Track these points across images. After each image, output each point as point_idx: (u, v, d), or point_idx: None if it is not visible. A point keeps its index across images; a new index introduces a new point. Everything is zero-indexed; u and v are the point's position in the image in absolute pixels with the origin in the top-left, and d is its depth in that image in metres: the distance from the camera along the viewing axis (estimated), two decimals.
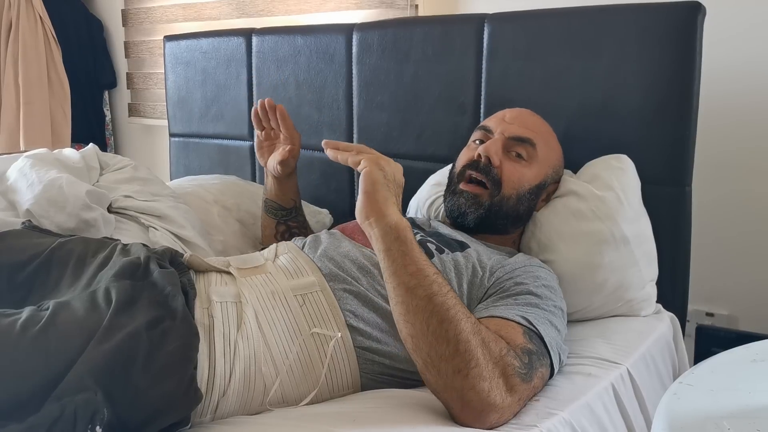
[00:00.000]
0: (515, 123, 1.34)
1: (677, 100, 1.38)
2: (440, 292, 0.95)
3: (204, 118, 2.19)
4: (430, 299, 0.94)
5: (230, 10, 2.61)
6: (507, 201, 1.30)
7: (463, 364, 0.91)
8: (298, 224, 1.59)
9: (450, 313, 0.93)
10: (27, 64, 2.83)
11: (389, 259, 0.99)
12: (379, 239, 1.00)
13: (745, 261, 1.71)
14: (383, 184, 1.03)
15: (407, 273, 0.97)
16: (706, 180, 1.58)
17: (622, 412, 1.13)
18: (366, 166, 1.04)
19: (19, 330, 0.88)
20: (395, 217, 1.01)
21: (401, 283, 0.97)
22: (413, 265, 0.97)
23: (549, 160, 1.35)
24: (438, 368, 0.93)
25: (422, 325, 0.94)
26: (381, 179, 1.03)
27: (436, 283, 0.96)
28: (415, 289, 0.95)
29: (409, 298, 0.96)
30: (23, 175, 1.41)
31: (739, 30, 1.65)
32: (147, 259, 1.07)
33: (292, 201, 1.57)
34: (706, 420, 0.79)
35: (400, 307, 0.97)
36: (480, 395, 0.91)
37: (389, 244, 0.99)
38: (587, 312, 1.34)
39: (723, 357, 0.96)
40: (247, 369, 1.00)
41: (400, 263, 0.98)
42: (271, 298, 1.08)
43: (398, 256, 0.98)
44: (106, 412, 0.85)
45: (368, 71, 1.80)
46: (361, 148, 1.10)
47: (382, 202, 1.02)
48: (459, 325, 0.93)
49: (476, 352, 0.92)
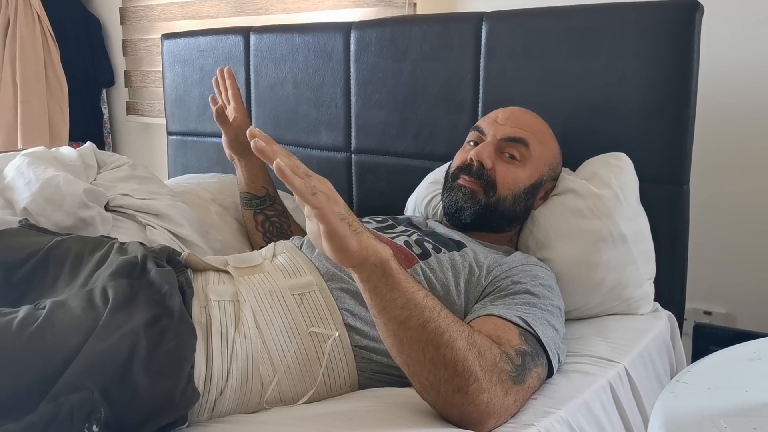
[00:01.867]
0: (507, 123, 1.33)
1: (675, 98, 1.38)
2: (432, 317, 0.90)
3: (202, 117, 2.18)
4: (423, 328, 0.90)
5: (228, 9, 2.60)
6: (503, 202, 1.30)
7: (462, 383, 0.90)
8: (276, 212, 1.59)
9: (445, 337, 0.90)
10: (25, 63, 2.83)
11: (377, 297, 0.91)
12: (365, 282, 0.91)
13: (742, 259, 1.71)
14: (349, 232, 0.86)
15: (397, 306, 0.90)
16: (704, 178, 1.58)
17: (620, 411, 1.13)
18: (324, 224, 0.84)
19: (15, 329, 0.88)
20: (377, 255, 0.89)
21: (392, 318, 0.91)
22: (402, 297, 0.90)
23: (544, 159, 1.34)
24: (437, 390, 0.92)
25: (418, 355, 0.91)
26: (346, 230, 0.85)
27: (427, 309, 0.91)
28: (407, 320, 0.90)
29: (402, 332, 0.91)
30: (20, 174, 1.41)
31: (737, 29, 1.65)
32: (144, 258, 1.07)
33: (263, 189, 1.58)
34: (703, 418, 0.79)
35: (393, 340, 0.92)
36: (479, 407, 0.91)
37: (375, 282, 0.90)
38: (585, 310, 1.34)
39: (720, 355, 0.96)
40: (244, 368, 1.00)
41: (388, 298, 0.90)
42: (268, 298, 1.08)
43: (386, 292, 0.90)
44: (103, 411, 0.85)
45: (366, 69, 1.79)
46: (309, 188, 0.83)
47: (358, 250, 0.87)
48: (455, 346, 0.90)
49: (474, 367, 0.90)
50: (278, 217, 1.59)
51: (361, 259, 0.88)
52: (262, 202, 1.58)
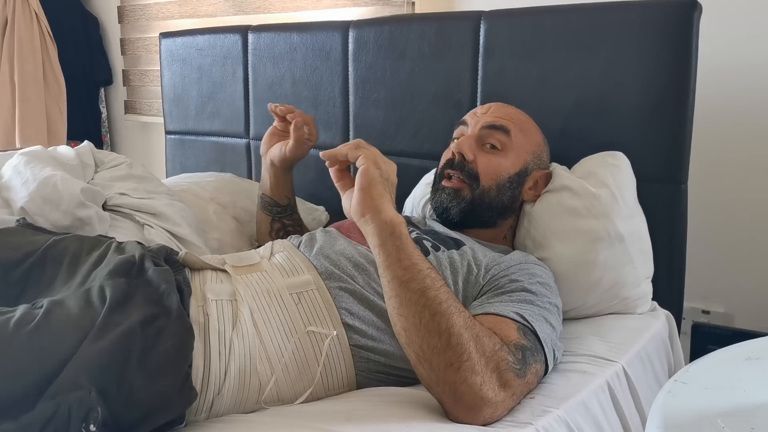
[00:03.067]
0: (488, 113, 1.36)
1: (673, 97, 1.38)
2: (433, 286, 0.96)
3: (200, 116, 2.18)
4: (423, 293, 0.95)
5: (226, 7, 2.60)
6: (488, 193, 1.31)
7: (454, 357, 0.92)
8: (293, 222, 1.59)
9: (442, 307, 0.94)
10: (23, 61, 2.83)
11: (384, 254, 1.00)
12: (375, 235, 1.01)
13: (740, 259, 1.71)
14: (379, 181, 1.04)
15: (401, 267, 0.97)
16: (702, 178, 1.58)
17: (618, 410, 1.13)
18: (363, 163, 1.05)
19: (12, 328, 0.88)
20: (390, 213, 1.02)
21: (395, 277, 0.97)
22: (407, 260, 0.98)
23: (527, 147, 1.35)
24: (430, 362, 0.93)
25: (415, 318, 0.94)
26: (377, 177, 1.03)
27: (429, 278, 0.97)
28: (409, 282, 0.96)
29: (402, 292, 0.96)
30: (18, 173, 1.41)
31: (735, 28, 1.65)
32: (142, 257, 1.06)
33: (286, 198, 1.57)
34: (700, 418, 0.79)
35: (394, 301, 0.98)
36: (472, 389, 0.91)
37: (384, 239, 1.00)
38: (582, 310, 1.34)
39: (718, 355, 0.96)
40: (242, 367, 1.00)
41: (394, 257, 0.98)
42: (266, 297, 1.08)
43: (393, 251, 0.99)
44: (100, 410, 0.85)
45: (364, 69, 1.79)
46: (359, 143, 1.10)
47: (377, 199, 1.02)
48: (451, 319, 0.93)
49: (468, 345, 0.92)
50: (294, 227, 1.58)
51: (376, 209, 1.02)
52: (282, 211, 1.57)
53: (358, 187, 1.04)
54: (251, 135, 2.07)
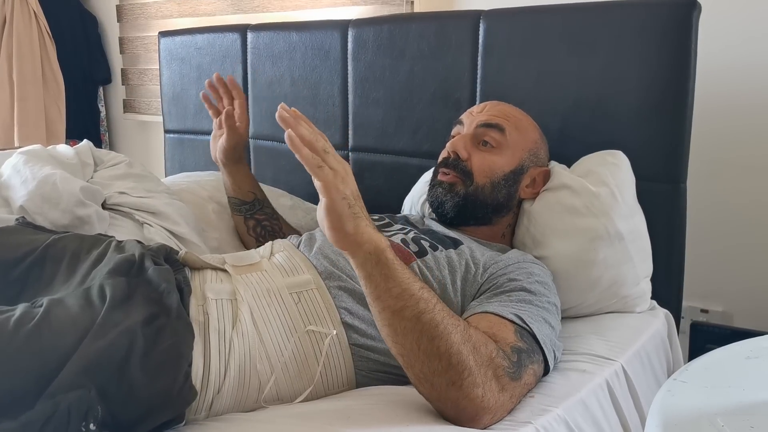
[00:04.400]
0: (483, 112, 1.37)
1: (672, 97, 1.38)
2: (427, 309, 0.91)
3: (199, 115, 2.18)
4: (418, 319, 0.91)
5: (225, 6, 2.60)
6: (482, 190, 1.31)
7: (456, 376, 0.91)
8: (266, 216, 1.58)
9: (439, 329, 0.91)
10: (21, 60, 2.82)
11: (372, 285, 0.93)
12: (359, 268, 0.93)
13: (739, 258, 1.71)
14: (348, 213, 0.90)
15: (392, 296, 0.92)
16: (701, 177, 1.58)
17: (617, 409, 1.13)
18: (324, 197, 0.91)
19: (12, 327, 0.88)
20: (372, 243, 0.92)
21: (386, 307, 0.92)
22: (397, 287, 0.92)
23: (522, 144, 1.35)
24: (431, 382, 0.92)
25: (412, 345, 0.91)
26: (345, 210, 0.90)
27: (422, 300, 0.92)
28: (402, 311, 0.91)
29: (396, 321, 0.92)
30: (17, 172, 1.41)
31: (734, 27, 1.65)
32: (141, 256, 1.06)
33: (251, 194, 1.57)
34: (700, 417, 0.79)
35: (388, 330, 0.93)
36: (474, 402, 0.91)
37: (370, 270, 0.92)
38: (582, 308, 1.34)
39: (717, 354, 0.96)
40: (242, 366, 1.00)
41: (383, 287, 0.92)
42: (266, 296, 1.08)
43: (381, 281, 0.92)
44: (100, 409, 0.85)
45: (364, 68, 1.79)
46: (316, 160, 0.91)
47: (352, 233, 0.91)
48: (449, 339, 0.91)
49: (468, 361, 0.91)
50: (269, 220, 1.58)
51: (354, 244, 0.91)
52: (251, 207, 1.57)
53: (327, 227, 0.92)
54: (250, 134, 2.07)
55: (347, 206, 0.90)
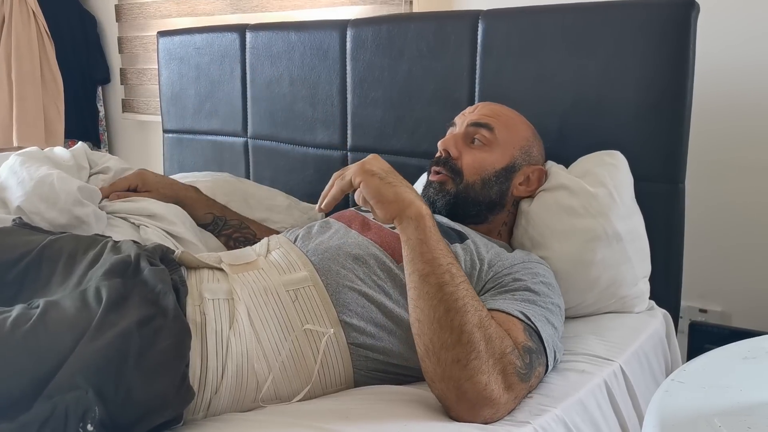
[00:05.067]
0: (474, 113, 1.38)
1: (671, 97, 1.38)
2: (452, 282, 0.96)
3: (198, 115, 2.18)
4: (440, 287, 0.96)
5: (224, 6, 2.60)
6: (472, 187, 1.32)
7: (463, 354, 0.92)
8: (233, 229, 1.58)
9: (458, 304, 0.94)
10: (20, 60, 2.82)
11: (408, 248, 1.01)
12: (402, 231, 1.02)
13: (738, 258, 1.71)
14: (384, 183, 1.03)
15: (423, 261, 0.98)
16: (699, 177, 1.58)
17: (615, 409, 1.13)
18: (357, 179, 1.04)
19: (8, 328, 0.88)
20: (414, 208, 1.02)
21: (415, 270, 0.99)
22: (429, 253, 0.99)
23: (513, 142, 1.36)
24: (438, 356, 0.93)
25: (429, 312, 0.95)
26: (377, 182, 1.03)
27: (448, 273, 0.97)
28: (428, 276, 0.97)
29: (421, 285, 0.97)
30: (13, 173, 1.40)
31: (733, 28, 1.65)
32: (138, 257, 1.06)
33: (208, 215, 1.57)
34: (697, 417, 0.79)
35: (413, 292, 0.99)
36: (476, 387, 0.92)
37: (409, 234, 1.01)
38: (580, 309, 1.34)
39: (714, 354, 0.96)
40: (239, 366, 1.00)
41: (417, 251, 0.99)
42: (263, 295, 1.07)
43: (416, 245, 1.00)
44: (97, 410, 0.85)
45: (362, 67, 1.79)
46: (337, 175, 1.09)
47: (393, 199, 1.02)
48: (465, 317, 0.94)
49: (479, 344, 0.92)
50: (238, 231, 1.58)
51: (398, 209, 1.01)
52: (214, 227, 1.57)
53: (372, 203, 1.03)
54: (249, 134, 2.07)
55: (378, 179, 1.02)
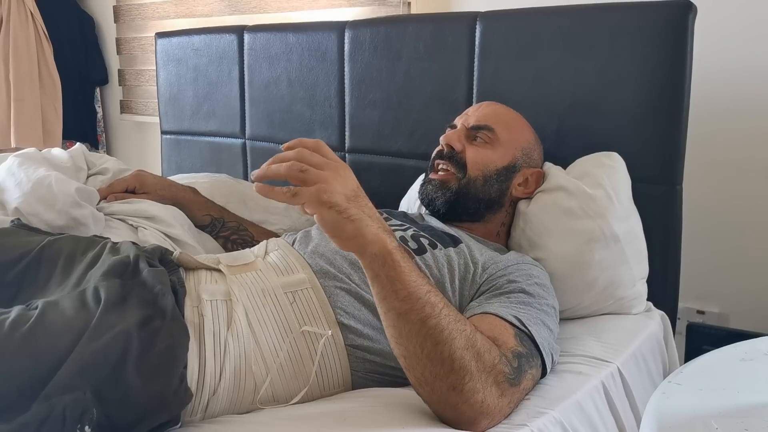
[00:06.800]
0: (475, 114, 1.39)
1: (668, 98, 1.38)
2: (433, 313, 0.90)
3: (196, 116, 2.18)
4: (423, 323, 0.90)
5: (222, 7, 2.60)
6: (474, 182, 1.33)
7: (457, 381, 0.90)
8: (231, 231, 1.58)
9: (444, 334, 0.90)
10: (18, 61, 2.82)
11: (378, 286, 0.92)
12: (367, 268, 0.92)
13: (735, 259, 1.71)
14: (342, 218, 0.88)
15: (398, 299, 0.90)
16: (697, 179, 1.58)
17: (613, 411, 1.13)
18: (313, 212, 0.88)
19: (7, 329, 0.87)
20: (378, 244, 0.90)
21: (391, 309, 0.91)
22: (404, 290, 0.90)
23: (514, 142, 1.36)
24: (432, 386, 0.92)
25: (416, 349, 0.91)
26: (334, 217, 0.87)
27: (428, 304, 0.91)
28: (407, 314, 0.90)
29: (401, 324, 0.91)
30: (11, 174, 1.40)
31: (730, 29, 1.65)
32: (136, 258, 1.06)
33: (206, 217, 1.57)
34: (694, 419, 0.79)
35: (392, 331, 0.93)
36: (473, 407, 0.91)
37: (376, 271, 0.91)
38: (578, 310, 1.34)
39: (711, 356, 0.96)
40: (237, 368, 1.00)
41: (389, 289, 0.91)
42: (261, 296, 1.07)
43: (387, 283, 0.90)
44: (95, 411, 0.85)
45: (360, 69, 1.79)
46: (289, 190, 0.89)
47: (353, 236, 0.89)
48: (453, 344, 0.90)
49: (470, 366, 0.91)
50: (236, 233, 1.58)
51: (358, 246, 0.89)
52: (212, 229, 1.57)
53: (329, 236, 0.90)
54: (247, 135, 2.07)
55: (336, 213, 0.87)
